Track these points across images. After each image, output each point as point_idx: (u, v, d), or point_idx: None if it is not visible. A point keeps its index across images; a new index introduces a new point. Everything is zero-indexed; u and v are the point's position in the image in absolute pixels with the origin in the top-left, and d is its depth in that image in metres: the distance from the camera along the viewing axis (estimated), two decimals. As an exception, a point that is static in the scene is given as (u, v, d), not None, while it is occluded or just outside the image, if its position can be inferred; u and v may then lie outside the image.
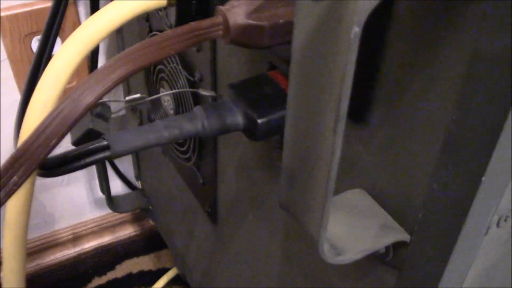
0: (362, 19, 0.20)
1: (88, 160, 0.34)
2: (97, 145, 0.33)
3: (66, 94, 0.27)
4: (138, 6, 0.33)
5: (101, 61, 0.82)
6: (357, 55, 0.31)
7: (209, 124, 0.35)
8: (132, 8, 0.33)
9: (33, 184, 0.34)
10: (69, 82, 0.32)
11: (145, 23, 0.61)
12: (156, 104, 0.64)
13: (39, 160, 0.25)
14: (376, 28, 0.29)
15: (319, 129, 0.24)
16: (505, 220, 0.30)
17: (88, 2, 0.74)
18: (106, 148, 0.34)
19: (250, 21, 0.29)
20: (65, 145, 0.39)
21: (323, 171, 0.25)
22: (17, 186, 0.25)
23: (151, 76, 0.63)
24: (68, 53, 0.31)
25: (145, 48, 0.27)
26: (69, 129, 0.25)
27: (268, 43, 0.30)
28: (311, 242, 0.29)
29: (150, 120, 0.69)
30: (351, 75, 0.21)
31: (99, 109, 0.43)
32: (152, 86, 0.64)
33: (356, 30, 0.20)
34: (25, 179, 0.25)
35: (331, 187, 0.25)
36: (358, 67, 0.31)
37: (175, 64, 0.55)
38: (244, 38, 0.30)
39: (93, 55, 0.77)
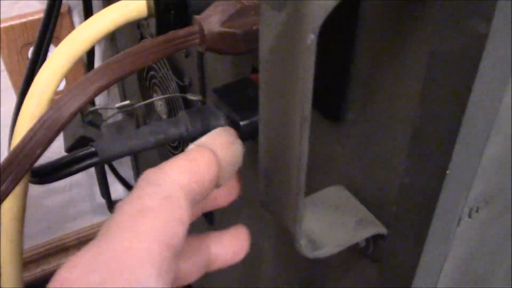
0: (317, 27, 0.21)
1: (77, 166, 0.35)
2: (85, 151, 0.35)
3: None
4: (120, 18, 0.34)
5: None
6: (330, 57, 0.33)
7: (193, 128, 0.37)
8: (114, 19, 0.34)
9: (25, 191, 0.35)
10: (58, 93, 0.34)
11: (136, 29, 0.63)
12: (150, 109, 0.66)
13: (26, 170, 0.26)
14: (345, 31, 0.30)
15: (288, 131, 0.25)
16: (477, 211, 0.32)
17: (82, 12, 0.76)
18: (94, 154, 0.35)
19: (224, 29, 0.31)
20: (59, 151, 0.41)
21: (294, 170, 0.26)
22: (5, 195, 0.26)
23: (144, 81, 0.64)
24: (53, 66, 0.33)
25: (124, 59, 0.29)
26: (53, 139, 0.27)
27: (243, 49, 0.32)
28: (289, 238, 0.30)
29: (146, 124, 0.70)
30: (311, 80, 0.22)
31: (90, 117, 0.45)
32: (145, 91, 0.65)
33: (312, 37, 0.21)
34: (13, 189, 0.26)
35: (302, 185, 0.26)
36: (331, 68, 0.33)
37: (165, 70, 0.57)
38: (219, 45, 0.31)
39: (89, 61, 0.78)
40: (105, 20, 0.34)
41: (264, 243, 0.51)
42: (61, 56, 0.33)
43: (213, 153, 0.24)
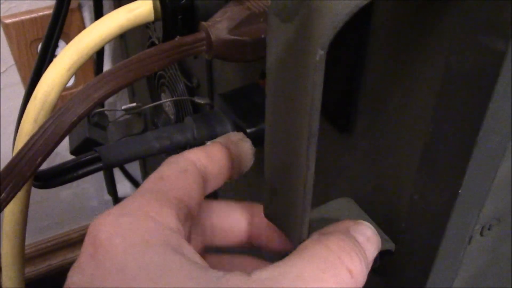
0: (326, 42, 0.20)
1: (80, 171, 0.35)
2: (88, 157, 0.34)
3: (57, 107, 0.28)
4: (126, 22, 0.33)
5: (106, 66, 0.83)
6: (341, 67, 0.32)
7: (198, 134, 0.36)
8: (121, 23, 0.33)
9: (28, 197, 0.35)
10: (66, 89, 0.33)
11: (146, 30, 0.62)
12: (159, 109, 0.65)
13: (26, 178, 0.26)
14: (356, 41, 0.30)
15: (294, 145, 0.24)
16: (489, 229, 0.31)
17: (92, 9, 0.76)
18: (98, 159, 0.34)
19: (232, 36, 0.30)
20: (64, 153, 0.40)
21: (300, 186, 0.25)
22: (6, 203, 0.26)
23: (152, 81, 0.64)
24: (58, 69, 0.32)
25: (129, 66, 0.28)
26: (54, 147, 0.26)
27: (251, 57, 0.31)
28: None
29: (154, 124, 0.70)
30: (319, 96, 0.22)
31: (96, 119, 0.44)
32: (153, 91, 0.65)
33: (321, 53, 0.20)
34: (13, 197, 0.26)
35: (308, 201, 0.25)
36: (341, 78, 0.32)
37: (174, 71, 0.56)
38: (226, 52, 0.30)
39: (99, 60, 0.78)
40: (111, 24, 0.33)
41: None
42: (66, 60, 0.32)
43: (226, 147, 0.26)
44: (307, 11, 0.21)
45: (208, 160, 0.25)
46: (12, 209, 0.34)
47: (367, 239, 0.25)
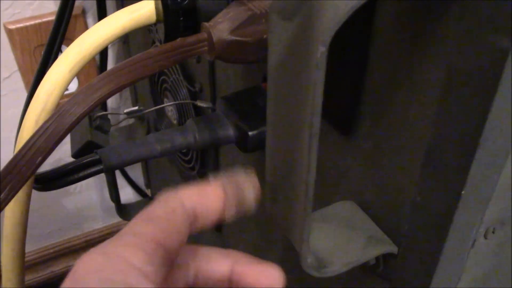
0: (327, 40, 0.20)
1: (81, 174, 0.35)
2: (89, 159, 0.34)
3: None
4: (128, 23, 0.33)
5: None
6: (344, 69, 0.32)
7: (200, 137, 0.36)
8: (122, 25, 0.33)
9: (28, 198, 0.35)
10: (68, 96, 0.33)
11: (149, 33, 0.62)
12: (161, 113, 0.65)
13: (25, 178, 0.26)
14: (359, 43, 0.29)
15: (296, 146, 0.24)
16: (493, 232, 0.30)
17: (96, 14, 0.76)
18: (99, 162, 0.34)
19: (234, 37, 0.30)
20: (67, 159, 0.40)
21: (301, 186, 0.25)
22: (5, 203, 0.26)
23: (155, 86, 0.64)
24: (59, 71, 0.32)
25: (130, 66, 0.28)
26: (54, 147, 0.26)
27: (252, 58, 0.31)
28: (295, 255, 0.29)
29: (157, 129, 0.70)
30: (321, 94, 0.21)
31: (98, 122, 0.44)
32: (156, 96, 0.65)
33: (322, 50, 0.20)
34: (12, 197, 0.26)
35: (310, 201, 0.25)
36: (344, 80, 0.32)
37: (177, 75, 0.56)
38: (228, 53, 0.30)
39: (102, 63, 0.78)
40: (113, 25, 0.33)
41: (271, 253, 0.50)
42: (68, 62, 0.32)
43: (223, 189, 0.26)
44: (308, 9, 0.21)
45: (199, 200, 0.25)
46: (12, 211, 0.34)
47: None
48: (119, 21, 0.33)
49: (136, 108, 0.45)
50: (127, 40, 0.78)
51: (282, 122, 0.25)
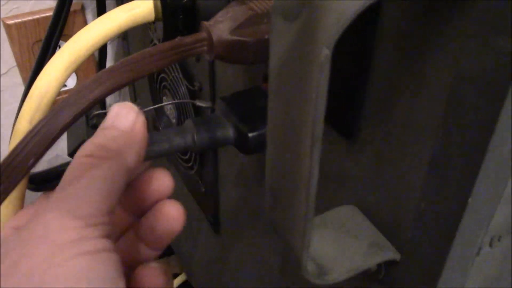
0: (332, 42, 0.19)
1: (77, 174, 0.34)
2: (85, 160, 0.33)
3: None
4: (125, 21, 0.32)
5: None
6: (346, 71, 0.31)
7: (199, 138, 0.35)
8: (120, 23, 0.32)
9: (22, 199, 0.34)
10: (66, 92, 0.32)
11: (148, 32, 0.62)
12: (160, 112, 0.64)
13: (18, 180, 0.25)
14: (362, 46, 0.28)
15: (297, 150, 0.23)
16: (499, 240, 0.30)
17: (95, 11, 0.75)
18: (95, 163, 0.33)
19: (234, 37, 0.29)
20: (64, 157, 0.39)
21: (302, 192, 0.24)
22: (-4, 206, 0.25)
23: (154, 84, 0.63)
24: (55, 69, 0.31)
25: (127, 65, 0.27)
26: (47, 148, 0.25)
27: (252, 59, 0.30)
28: (295, 261, 0.28)
29: (155, 128, 0.69)
30: (324, 99, 0.21)
31: (95, 121, 0.43)
32: (155, 95, 0.64)
33: (326, 52, 0.19)
34: (5, 197, 0.25)
35: (311, 207, 0.24)
36: (347, 83, 0.31)
37: (176, 74, 0.55)
38: (228, 53, 0.29)
39: (101, 61, 0.77)
40: (110, 23, 0.32)
41: (270, 255, 0.49)
42: (63, 60, 0.31)
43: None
44: (312, 9, 0.20)
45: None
46: (5, 213, 0.33)
47: None
48: (117, 19, 0.32)
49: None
50: (127, 37, 0.77)
51: (283, 125, 0.24)
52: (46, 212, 0.24)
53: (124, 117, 0.27)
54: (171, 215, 0.30)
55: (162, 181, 0.31)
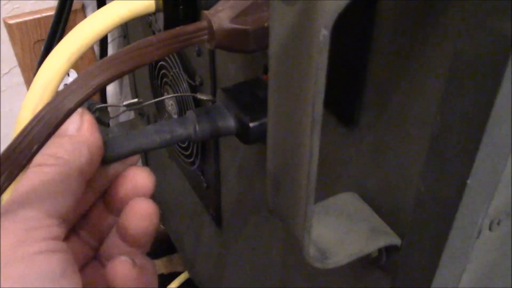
0: (330, 22, 0.19)
1: (80, 165, 0.34)
2: (88, 150, 0.34)
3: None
4: (127, 12, 0.33)
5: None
6: (345, 57, 0.31)
7: (200, 128, 0.35)
8: (121, 14, 0.33)
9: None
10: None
11: (149, 28, 0.62)
12: (161, 108, 0.64)
13: (21, 166, 0.25)
14: (361, 32, 0.29)
15: (297, 134, 0.24)
16: (498, 224, 0.30)
17: (96, 10, 0.75)
18: (98, 153, 0.34)
19: (235, 25, 0.29)
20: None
21: (303, 176, 0.24)
22: (1, 191, 0.25)
23: (155, 80, 0.63)
24: (57, 60, 0.32)
25: (128, 53, 0.27)
26: (50, 135, 0.25)
27: (253, 47, 0.30)
28: (297, 246, 0.28)
29: (157, 125, 0.69)
30: (323, 79, 0.21)
31: (97, 114, 0.44)
32: (156, 90, 0.64)
33: (325, 33, 0.19)
34: (8, 185, 0.25)
35: (312, 191, 0.25)
36: (346, 69, 0.31)
37: (177, 69, 0.55)
38: (229, 42, 0.30)
39: (102, 57, 0.78)
40: (111, 14, 0.33)
41: (272, 249, 0.50)
42: (66, 50, 0.32)
43: None
44: (310, -9, 0.20)
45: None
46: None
47: None
48: (118, 10, 0.33)
49: (135, 100, 0.44)
50: (127, 35, 0.77)
51: (283, 109, 0.25)
52: None
53: (70, 122, 0.28)
54: (141, 213, 0.30)
55: (142, 180, 0.32)
